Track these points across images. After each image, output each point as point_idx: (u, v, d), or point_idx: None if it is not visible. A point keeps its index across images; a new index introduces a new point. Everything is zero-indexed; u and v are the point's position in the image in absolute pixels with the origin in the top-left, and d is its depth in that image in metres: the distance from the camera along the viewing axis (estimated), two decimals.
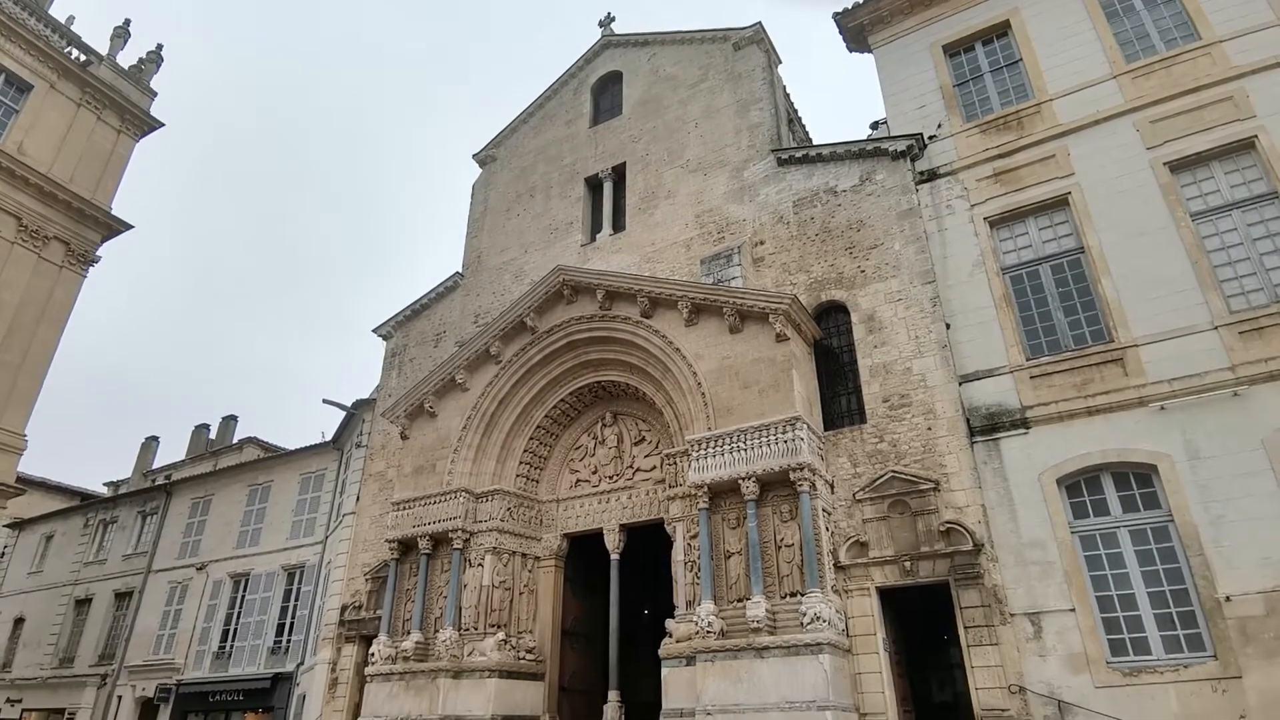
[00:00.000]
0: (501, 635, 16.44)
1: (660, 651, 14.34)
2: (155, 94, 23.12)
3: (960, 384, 14.56)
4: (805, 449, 13.98)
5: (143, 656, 28.83)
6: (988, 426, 14.03)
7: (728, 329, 15.75)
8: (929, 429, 14.44)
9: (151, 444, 45.19)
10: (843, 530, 14.50)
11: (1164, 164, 14.31)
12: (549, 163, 24.02)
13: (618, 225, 21.58)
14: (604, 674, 16.50)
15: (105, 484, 46.14)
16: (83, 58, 21.21)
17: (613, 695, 15.82)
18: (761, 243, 18.35)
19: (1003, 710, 12.07)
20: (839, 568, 14.12)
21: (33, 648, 33.10)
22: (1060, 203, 15.19)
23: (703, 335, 16.11)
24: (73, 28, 21.73)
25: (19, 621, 34.49)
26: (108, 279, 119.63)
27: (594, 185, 22.88)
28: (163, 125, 22.96)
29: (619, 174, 22.35)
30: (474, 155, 26.01)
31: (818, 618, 12.66)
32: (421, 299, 24.09)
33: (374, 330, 24.76)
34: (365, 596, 20.30)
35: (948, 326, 15.10)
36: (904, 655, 14.48)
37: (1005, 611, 12.67)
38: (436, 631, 16.82)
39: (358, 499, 22.41)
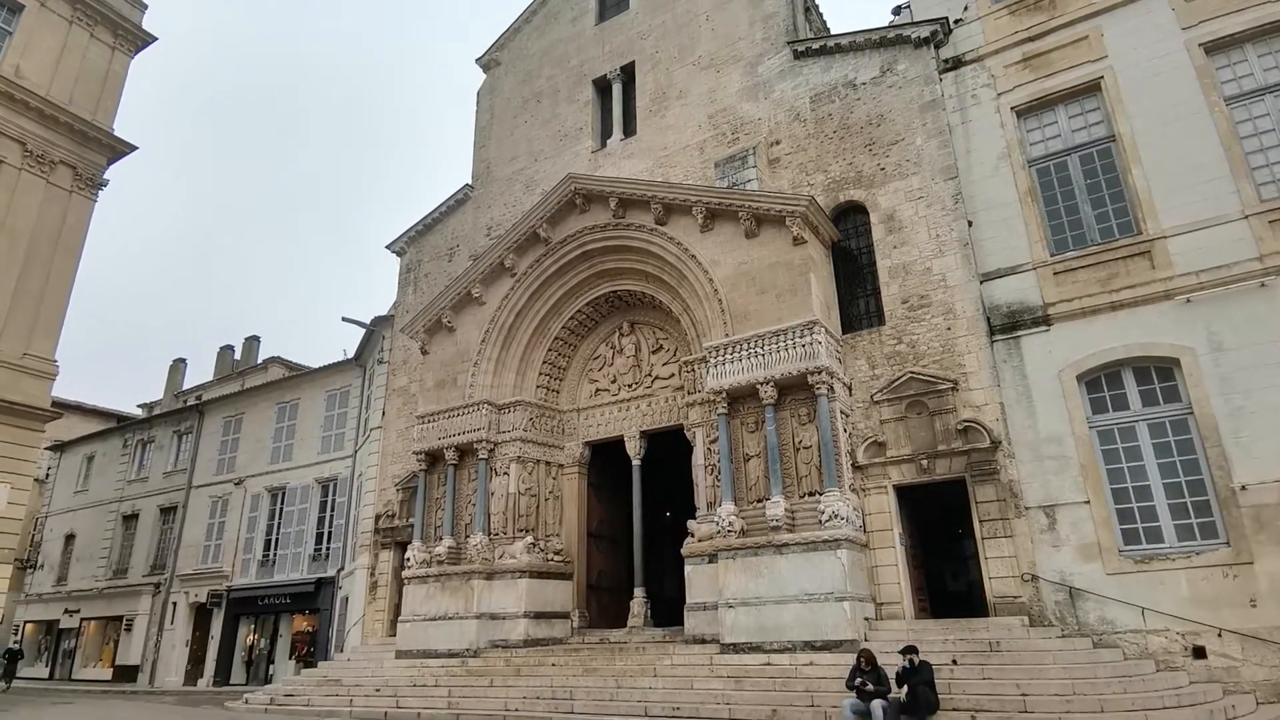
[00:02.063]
0: (530, 539, 17.10)
1: (683, 550, 14.89)
2: (145, 6, 22.33)
3: (981, 282, 14.36)
4: (823, 352, 14.00)
5: (192, 566, 30.42)
6: (1008, 325, 13.91)
7: (744, 233, 15.50)
8: (948, 329, 14.35)
9: (180, 366, 46.06)
10: (860, 431, 14.68)
11: (1199, 45, 13.57)
12: (555, 65, 23.14)
13: (629, 129, 20.97)
14: (629, 572, 17.22)
15: (139, 405, 47.40)
16: None
17: (638, 592, 16.56)
18: (777, 142, 17.79)
19: (1015, 598, 12.51)
20: (857, 467, 14.39)
21: (86, 561, 34.98)
22: (1092, 88, 14.50)
23: (718, 241, 15.89)
24: None
25: (70, 538, 36.33)
26: (118, 204, 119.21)
27: (602, 88, 22.10)
28: (156, 39, 22.26)
29: (628, 74, 21.53)
30: (477, 60, 25.08)
31: (835, 515, 13.02)
32: (432, 213, 23.82)
33: (387, 246, 24.66)
34: (397, 506, 21.08)
35: (970, 224, 14.76)
36: (920, 549, 14.93)
37: (1020, 505, 12.93)
38: (467, 537, 17.51)
39: (383, 414, 22.92)
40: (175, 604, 30.49)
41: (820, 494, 13.55)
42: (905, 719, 10.05)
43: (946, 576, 17.52)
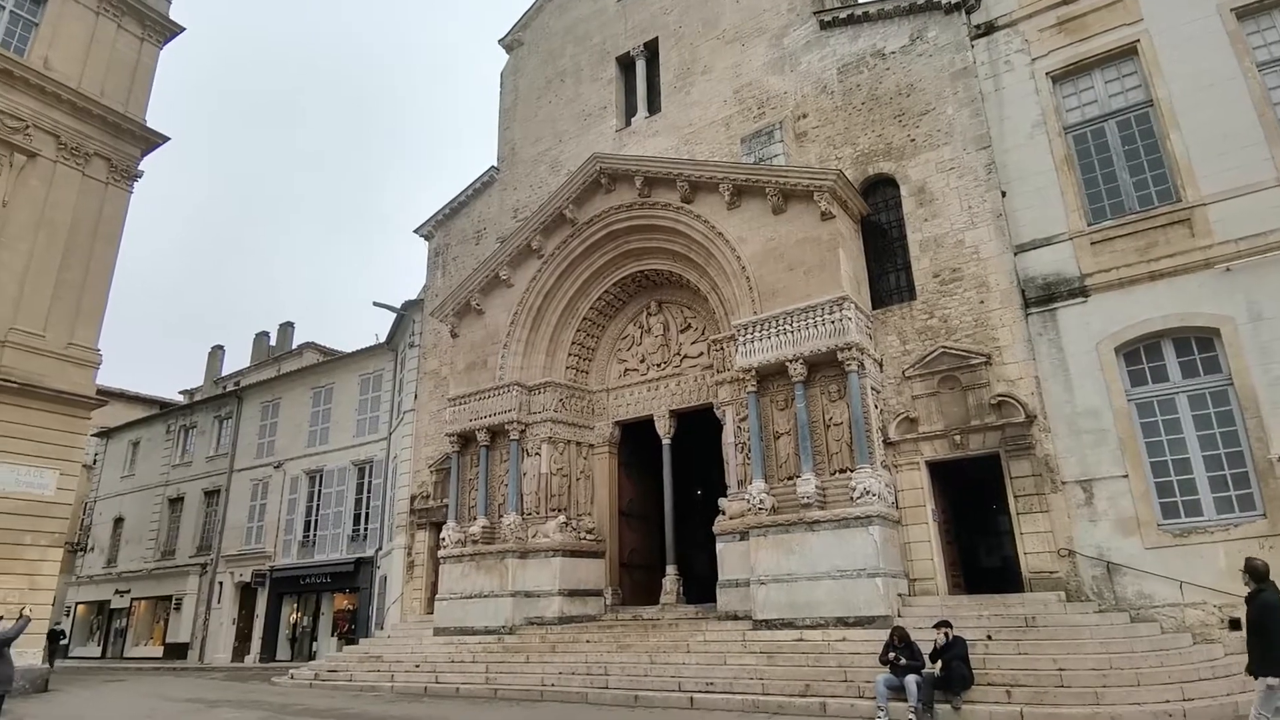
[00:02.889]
0: (562, 518, 17.30)
1: (715, 528, 14.97)
2: None
3: (1015, 254, 14.10)
4: (853, 328, 13.88)
5: (236, 547, 31.31)
6: (1044, 297, 13.66)
7: (771, 210, 15.36)
8: (981, 302, 14.14)
9: (218, 353, 47.04)
10: (892, 407, 14.58)
11: (1230, 10, 13.13)
12: (577, 43, 22.98)
13: (653, 107, 20.80)
14: (661, 550, 17.37)
15: (180, 392, 48.55)
16: None
17: (670, 569, 16.71)
18: (804, 116, 17.54)
19: (1051, 573, 12.41)
20: (888, 444, 14.31)
21: (134, 543, 36.15)
22: (1128, 52, 14.05)
23: (746, 218, 15.77)
24: None
25: (119, 521, 37.53)
26: (150, 193, 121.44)
27: (626, 65, 21.91)
28: (183, 30, 22.50)
29: (651, 50, 21.31)
30: (500, 40, 25.00)
31: (867, 492, 12.99)
32: (459, 196, 23.92)
33: (415, 231, 24.84)
34: (431, 487, 21.44)
35: (1003, 194, 14.46)
36: (953, 524, 14.85)
37: (1056, 480, 12.78)
38: (500, 517, 17.77)
39: (415, 396, 23.25)
40: (221, 584, 31.45)
41: (852, 470, 13.51)
42: (939, 694, 10.07)
43: (980, 552, 17.40)
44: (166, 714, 13.54)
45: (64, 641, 32.84)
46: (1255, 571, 6.94)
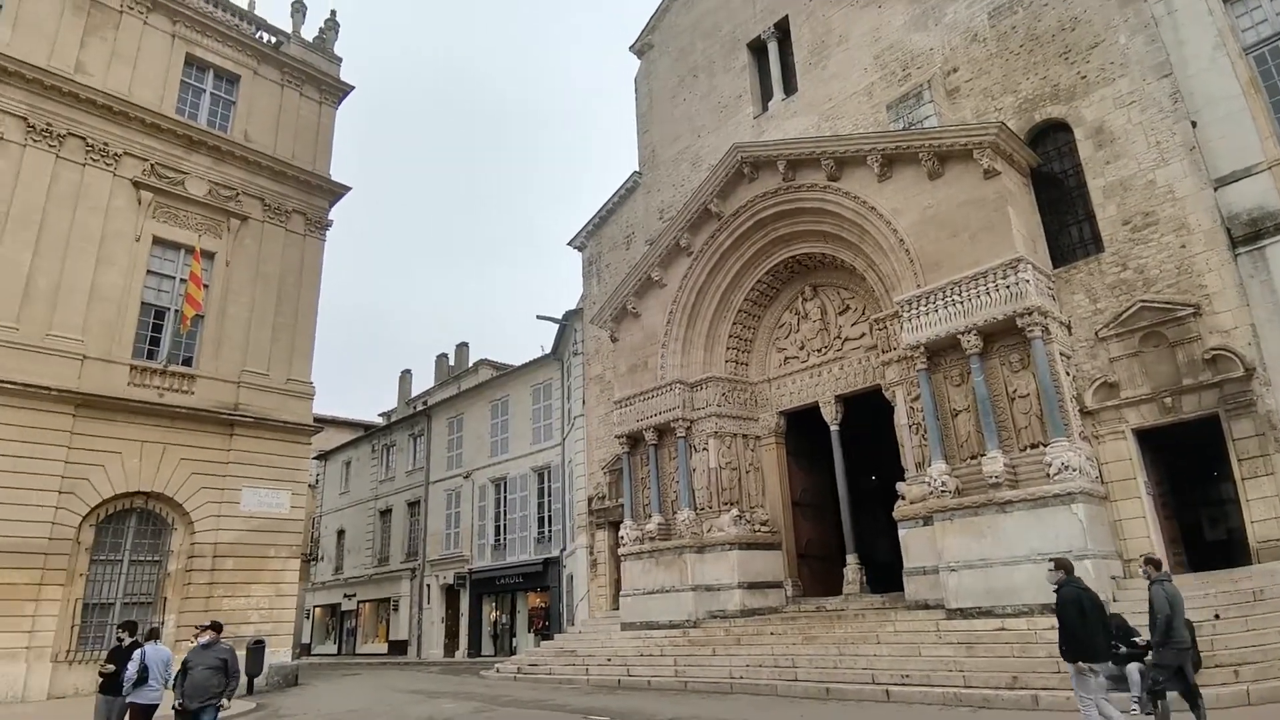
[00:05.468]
0: (735, 511, 17.33)
1: (895, 514, 14.38)
2: (340, 59, 25.02)
3: (1215, 189, 12.40)
4: (1032, 291, 12.80)
5: (438, 552, 34.17)
6: (1250, 235, 11.91)
7: (926, 175, 14.52)
8: (1182, 247, 12.57)
9: (407, 376, 51.47)
10: (1086, 373, 13.30)
11: None
12: (706, 37, 22.93)
13: (789, 88, 20.33)
14: (838, 539, 16.93)
15: (379, 414, 53.66)
16: (273, 39, 23.33)
17: (851, 558, 16.24)
18: (954, 70, 16.43)
19: None
20: (1085, 413, 13.07)
21: (355, 552, 40.47)
22: None
23: (899, 187, 15.02)
24: (253, 11, 23.87)
25: (340, 533, 42.20)
26: (333, 235, 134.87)
27: (757, 50, 21.58)
28: (353, 88, 24.89)
29: (782, 30, 20.84)
30: (630, 47, 25.48)
31: (1066, 466, 11.93)
32: (605, 205, 24.67)
33: (568, 244, 25.90)
34: (606, 488, 22.25)
35: (1193, 125, 12.76)
36: (1170, 496, 13.30)
37: None
38: (674, 513, 18.09)
39: (583, 402, 24.23)
40: (428, 586, 34.44)
41: (1045, 445, 12.46)
42: (1165, 681, 9.08)
43: (1204, 524, 15.45)
44: (397, 702, 15.05)
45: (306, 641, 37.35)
46: (1063, 566, 7.63)
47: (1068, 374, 13.09)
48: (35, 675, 15.21)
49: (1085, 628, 7.11)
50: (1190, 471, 14.13)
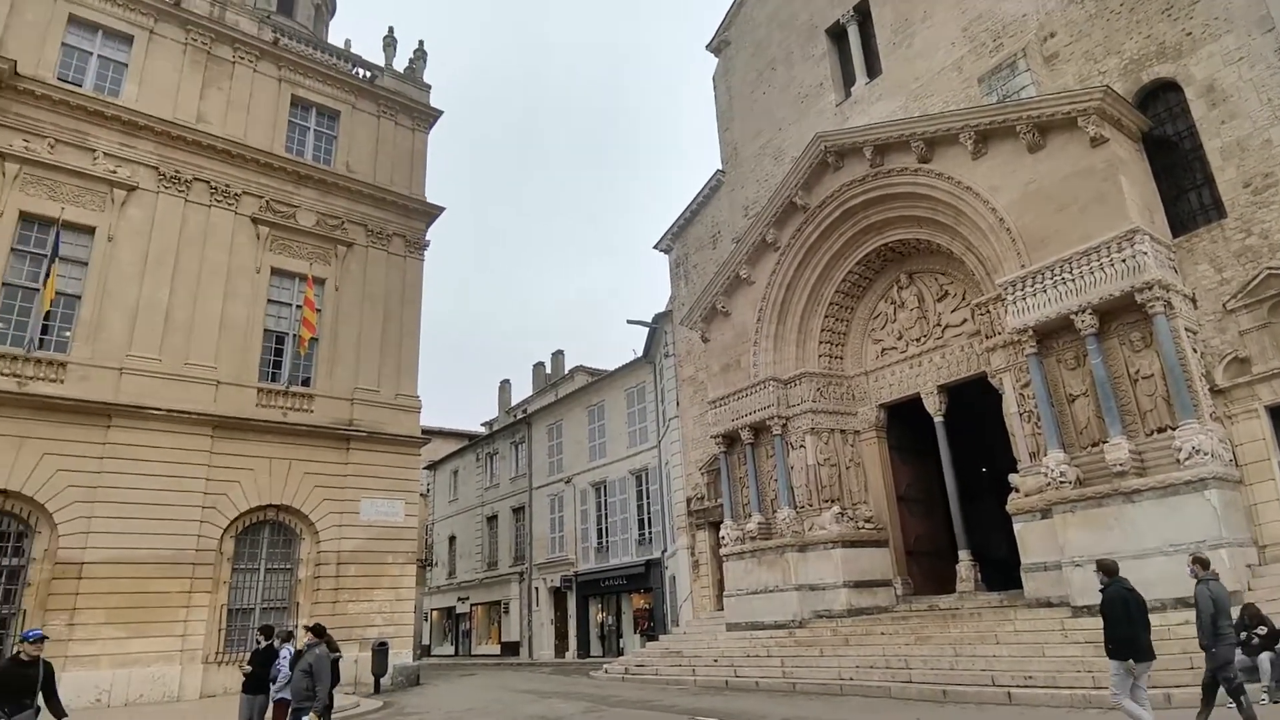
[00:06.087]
0: (837, 508, 16.95)
1: (1009, 507, 13.71)
2: (429, 86, 26.15)
3: None
4: (1151, 264, 11.94)
5: (544, 556, 35.03)
6: None
7: (1026, 148, 13.78)
8: None
9: (506, 385, 53.11)
10: (1214, 348, 12.29)
11: None
12: (783, 28, 22.59)
13: (872, 70, 19.76)
14: (948, 535, 16.26)
15: (481, 424, 55.55)
16: (368, 74, 24.66)
17: (963, 555, 15.57)
18: (1052, 35, 15.54)
19: None
20: (1215, 392, 12.07)
21: (466, 557, 42.03)
22: None
23: (995, 164, 14.33)
24: (349, 48, 25.29)
25: (452, 539, 43.95)
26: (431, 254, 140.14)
27: (836, 35, 21.08)
28: (442, 113, 25.97)
29: (861, 13, 20.28)
30: (707, 46, 25.42)
31: (1196, 450, 11.05)
32: (690, 205, 24.65)
33: (654, 247, 26.04)
34: (705, 488, 22.22)
35: None
36: None
37: None
38: (774, 511, 17.87)
39: (677, 404, 24.29)
40: (536, 589, 35.36)
41: (1173, 428, 11.58)
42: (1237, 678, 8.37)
43: None
44: (511, 701, 15.55)
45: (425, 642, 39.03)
46: (1106, 569, 7.66)
47: (1195, 350, 12.12)
48: (189, 675, 16.60)
49: (1131, 627, 7.19)
50: None
